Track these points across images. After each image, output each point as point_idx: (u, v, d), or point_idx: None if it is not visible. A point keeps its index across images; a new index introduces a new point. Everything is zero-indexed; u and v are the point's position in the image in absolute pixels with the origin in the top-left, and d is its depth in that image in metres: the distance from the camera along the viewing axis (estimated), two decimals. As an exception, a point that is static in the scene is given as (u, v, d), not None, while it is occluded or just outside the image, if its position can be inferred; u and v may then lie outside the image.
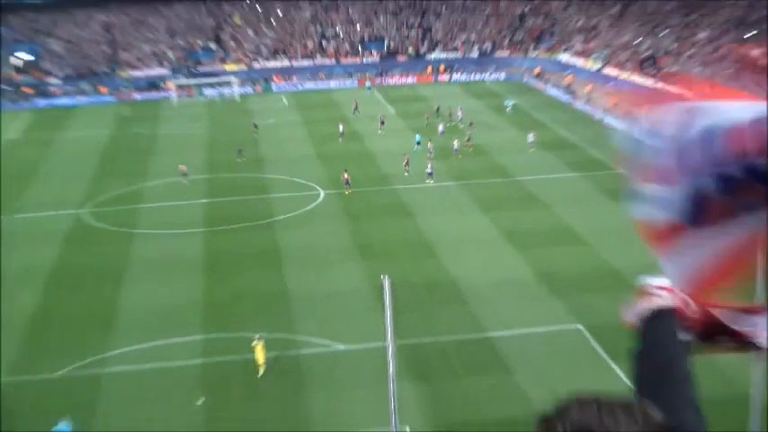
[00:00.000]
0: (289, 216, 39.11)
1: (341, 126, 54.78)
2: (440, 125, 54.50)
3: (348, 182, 42.12)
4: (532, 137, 49.73)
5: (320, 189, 42.98)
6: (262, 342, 24.63)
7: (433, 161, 45.04)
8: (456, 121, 56.65)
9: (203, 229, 37.91)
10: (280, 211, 39.74)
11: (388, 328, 12.50)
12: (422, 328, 26.16)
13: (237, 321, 27.92)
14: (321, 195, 42.10)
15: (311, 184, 43.83)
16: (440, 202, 40.33)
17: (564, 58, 75.03)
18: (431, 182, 43.15)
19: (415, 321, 26.03)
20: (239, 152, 49.73)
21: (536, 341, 25.69)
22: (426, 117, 57.40)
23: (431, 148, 47.49)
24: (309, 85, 76.16)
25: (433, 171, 43.63)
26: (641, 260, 5.00)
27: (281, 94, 73.21)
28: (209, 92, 72.81)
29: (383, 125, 55.96)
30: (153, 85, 75.38)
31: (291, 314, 28.41)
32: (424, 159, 45.38)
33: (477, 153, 48.84)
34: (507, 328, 26.73)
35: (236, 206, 40.98)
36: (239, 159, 49.03)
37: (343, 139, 53.07)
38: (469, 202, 39.93)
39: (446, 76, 76.91)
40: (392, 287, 12.83)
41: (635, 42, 67.60)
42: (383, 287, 12.68)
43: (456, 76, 76.81)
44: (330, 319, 27.76)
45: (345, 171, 42.74)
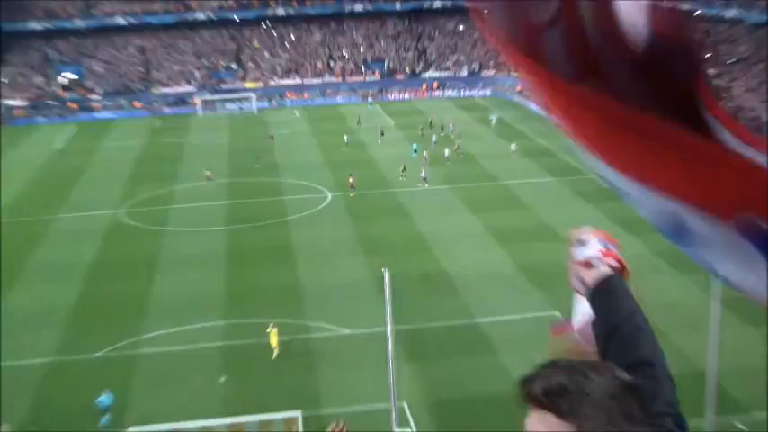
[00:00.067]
0: (300, 216, 39.02)
1: (346, 136, 54.67)
2: (433, 135, 54.35)
3: (352, 185, 42.00)
4: (515, 146, 49.62)
5: (328, 192, 42.88)
6: (276, 327, 24.58)
7: (427, 167, 44.98)
8: (447, 132, 56.50)
9: (225, 227, 37.85)
10: (292, 212, 39.64)
11: (387, 314, 12.52)
12: (418, 314, 26.05)
13: (254, 309, 27.86)
14: (329, 197, 42.00)
15: (320, 188, 43.73)
16: (433, 203, 40.20)
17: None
18: (425, 185, 43.09)
19: (411, 309, 25.90)
20: (257, 159, 49.62)
21: (518, 326, 25.58)
22: (421, 128, 57.28)
23: (425, 156, 47.42)
24: (319, 100, 75.97)
25: (427, 176, 43.52)
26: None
27: (293, 108, 73.03)
28: (230, 106, 72.61)
29: (383, 135, 55.79)
30: (181, 100, 75.24)
31: (302, 302, 28.35)
32: (420, 165, 45.32)
33: (466, 160, 48.74)
34: (493, 314, 26.66)
35: (253, 207, 40.88)
36: (257, 165, 48.90)
37: (348, 148, 52.98)
38: (459, 204, 39.82)
39: (439, 92, 76.68)
40: (391, 279, 12.89)
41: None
42: (383, 278, 12.72)
43: (448, 92, 76.58)
44: (337, 306, 27.66)
45: (350, 176, 42.62)
